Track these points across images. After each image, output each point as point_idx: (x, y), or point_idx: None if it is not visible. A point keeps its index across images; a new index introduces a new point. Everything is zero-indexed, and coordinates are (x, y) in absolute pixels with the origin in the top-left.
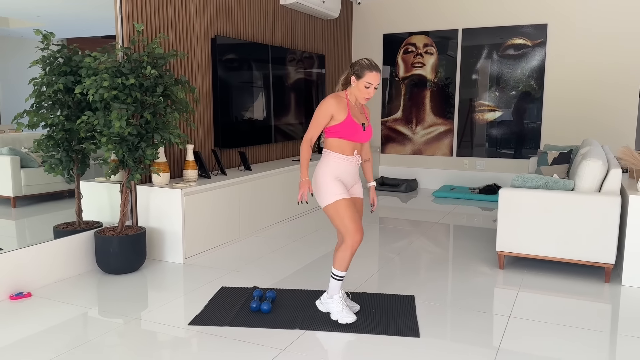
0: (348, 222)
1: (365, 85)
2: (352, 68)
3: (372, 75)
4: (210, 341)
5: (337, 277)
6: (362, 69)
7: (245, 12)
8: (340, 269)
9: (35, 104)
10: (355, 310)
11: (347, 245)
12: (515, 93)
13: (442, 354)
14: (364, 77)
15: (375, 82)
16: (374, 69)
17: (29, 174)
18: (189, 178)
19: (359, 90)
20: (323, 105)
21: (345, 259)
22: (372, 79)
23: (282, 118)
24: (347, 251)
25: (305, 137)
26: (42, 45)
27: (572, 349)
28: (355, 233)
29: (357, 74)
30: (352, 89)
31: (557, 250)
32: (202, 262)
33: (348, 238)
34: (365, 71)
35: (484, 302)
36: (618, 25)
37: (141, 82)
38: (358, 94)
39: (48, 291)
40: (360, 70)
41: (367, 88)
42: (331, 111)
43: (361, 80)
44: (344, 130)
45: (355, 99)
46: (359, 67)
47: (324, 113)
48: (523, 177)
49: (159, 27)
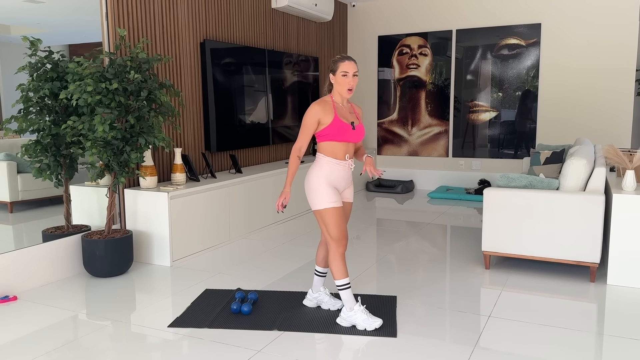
0: (333, 229)
1: (341, 74)
2: (329, 68)
3: (345, 64)
4: (187, 343)
5: (344, 286)
6: (335, 63)
7: (235, 16)
8: (341, 277)
9: (23, 110)
10: (339, 306)
11: (333, 253)
12: (510, 93)
13: (416, 353)
14: (339, 69)
15: (351, 70)
16: (345, 58)
17: (25, 179)
18: (177, 181)
19: (338, 83)
20: (308, 113)
21: (339, 267)
22: (346, 67)
23: (274, 121)
24: (336, 258)
25: (295, 147)
26: (29, 52)
27: (552, 349)
28: (339, 240)
29: (332, 69)
30: (335, 88)
31: (542, 249)
32: (190, 264)
33: (332, 244)
34: (337, 63)
35: (466, 302)
36: (611, 25)
37: (125, 86)
38: (340, 88)
39: (34, 295)
40: (333, 65)
41: (344, 77)
42: (317, 117)
43: (337, 73)
44: (333, 131)
45: (340, 98)
46: (332, 63)
47: (310, 120)
48: (507, 177)
49: (146, 31)
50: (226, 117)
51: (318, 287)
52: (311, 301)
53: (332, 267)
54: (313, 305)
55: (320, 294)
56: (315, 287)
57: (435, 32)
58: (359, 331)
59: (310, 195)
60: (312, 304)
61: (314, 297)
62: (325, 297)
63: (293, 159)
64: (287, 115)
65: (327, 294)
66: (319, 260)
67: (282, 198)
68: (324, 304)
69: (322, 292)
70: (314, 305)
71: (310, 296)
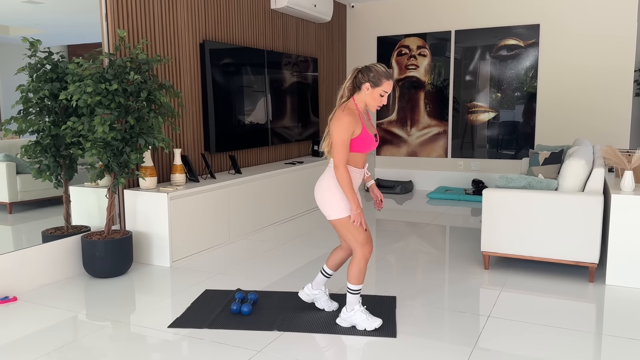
0: (359, 234)
1: (380, 93)
2: (364, 75)
3: (389, 84)
4: (187, 343)
5: (354, 291)
6: (380, 77)
7: (235, 17)
8: (357, 283)
9: (23, 111)
10: (334, 308)
11: (358, 258)
12: (508, 94)
13: (416, 354)
14: (382, 86)
15: (390, 90)
16: (390, 77)
17: (25, 180)
18: (177, 182)
19: (373, 98)
20: (343, 124)
21: (361, 273)
22: (388, 87)
23: (273, 122)
24: (360, 264)
25: (340, 162)
26: (29, 53)
27: (550, 349)
28: (365, 244)
29: (373, 81)
30: (364, 96)
31: (541, 250)
32: (190, 265)
33: (358, 250)
34: (382, 79)
35: (465, 302)
36: (610, 25)
37: (125, 87)
38: (371, 101)
39: (34, 295)
40: (377, 79)
41: (381, 97)
42: (352, 129)
43: (377, 89)
44: (360, 143)
45: (364, 105)
46: (376, 74)
47: (347, 134)
48: (506, 178)
49: (146, 32)
50: (225, 118)
51: (319, 286)
52: (308, 296)
53: (353, 270)
54: (307, 300)
55: (320, 293)
56: (317, 284)
57: (434, 33)
58: (359, 331)
59: (327, 204)
60: (308, 299)
61: (312, 293)
62: (323, 297)
63: (344, 173)
64: (286, 116)
65: (326, 294)
66: (331, 263)
67: (360, 217)
68: (319, 303)
69: (322, 291)
70: (308, 301)
71: (308, 291)
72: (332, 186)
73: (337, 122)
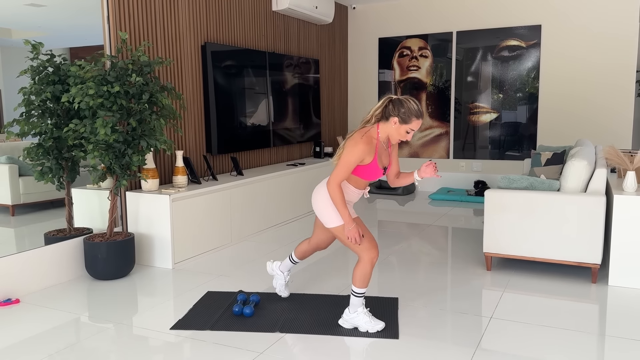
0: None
1: (407, 130)
2: (395, 108)
3: (418, 123)
4: (189, 345)
5: (358, 294)
6: (410, 115)
7: (236, 19)
8: (361, 287)
9: (25, 113)
10: (284, 295)
11: (364, 262)
12: (510, 95)
13: (418, 355)
14: (410, 124)
15: (417, 128)
16: (421, 115)
17: (27, 182)
18: (179, 184)
19: (399, 133)
20: (355, 150)
21: (366, 277)
22: (416, 126)
23: (275, 123)
24: (366, 268)
25: (335, 181)
26: (31, 55)
27: (553, 350)
28: (371, 249)
29: (403, 118)
30: (389, 128)
31: (544, 250)
32: (192, 267)
33: (364, 255)
34: (412, 118)
35: (468, 303)
36: (612, 26)
37: (127, 89)
38: (395, 135)
39: (37, 297)
40: (407, 116)
41: (407, 133)
42: (362, 157)
43: (405, 126)
44: (366, 172)
45: (386, 136)
46: (407, 111)
47: (356, 160)
48: (509, 178)
49: (148, 35)
50: (227, 119)
51: (285, 268)
52: (272, 270)
53: (358, 273)
54: (269, 272)
55: (281, 276)
56: (284, 266)
57: (436, 34)
58: (361, 333)
59: (324, 212)
60: (270, 272)
61: (276, 271)
62: (281, 280)
63: (338, 191)
64: (288, 118)
65: (286, 280)
66: (297, 252)
67: (354, 233)
68: (275, 281)
69: (284, 274)
70: (269, 272)
71: (275, 267)
72: (326, 196)
73: (352, 144)
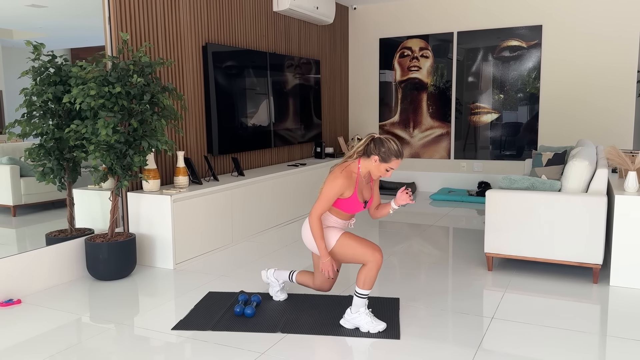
0: (360, 248)
1: (387, 169)
2: (376, 147)
3: (396, 162)
4: (191, 346)
5: (362, 296)
6: (390, 155)
7: (237, 20)
8: (366, 288)
9: (27, 114)
10: (281, 299)
11: (370, 265)
12: (511, 95)
13: (419, 356)
14: (389, 163)
15: (396, 167)
16: (400, 155)
17: (28, 183)
18: (180, 184)
19: (378, 170)
20: (334, 184)
21: (372, 279)
22: (395, 165)
23: (276, 124)
24: (373, 270)
25: (315, 213)
26: (33, 56)
27: (555, 350)
28: (374, 252)
29: (383, 157)
30: (369, 165)
31: (545, 251)
32: (193, 267)
33: (369, 259)
34: (392, 158)
35: (469, 303)
36: (613, 26)
37: (128, 90)
38: (375, 172)
39: (38, 298)
40: (387, 156)
41: (387, 171)
42: (341, 191)
43: (384, 164)
44: (345, 205)
45: (367, 172)
46: (387, 152)
47: (334, 194)
48: (510, 179)
49: (149, 35)
50: (228, 120)
51: (281, 278)
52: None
53: (363, 276)
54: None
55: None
56: (280, 276)
57: (437, 35)
58: (362, 333)
59: (313, 244)
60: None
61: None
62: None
63: (317, 224)
64: (289, 118)
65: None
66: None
67: (328, 267)
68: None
69: (278, 283)
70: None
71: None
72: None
73: (332, 178)
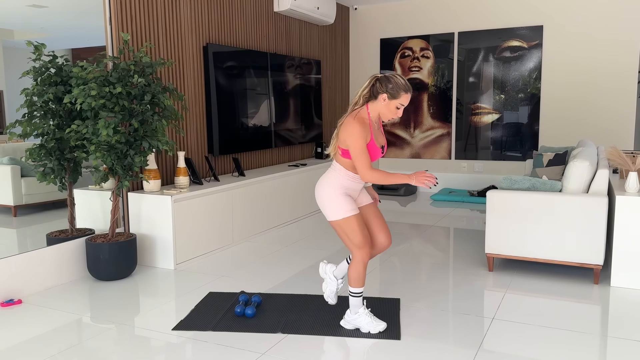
0: (355, 236)
1: (397, 106)
2: (383, 85)
3: (407, 97)
4: (191, 346)
5: (355, 294)
6: (399, 90)
7: (238, 20)
8: (357, 286)
9: (28, 114)
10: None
11: (356, 260)
12: (512, 95)
13: (420, 356)
14: (399, 99)
15: (407, 103)
16: (409, 89)
17: (29, 183)
18: (180, 185)
19: (389, 110)
20: (355, 133)
21: (360, 276)
22: (405, 101)
23: (276, 124)
24: (359, 266)
25: (366, 168)
26: (34, 56)
27: (555, 351)
28: (363, 247)
29: (391, 93)
30: (378, 106)
31: (546, 251)
32: (193, 267)
33: (356, 253)
34: (401, 92)
35: (470, 304)
36: (614, 26)
37: (129, 90)
38: (386, 112)
39: (39, 298)
40: (396, 91)
41: (397, 109)
42: (364, 137)
43: (394, 101)
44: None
45: (377, 115)
46: (395, 86)
47: (363, 142)
48: (510, 179)
49: (150, 36)
50: (229, 120)
51: (341, 274)
52: (325, 273)
53: (352, 273)
54: (322, 274)
55: (334, 283)
56: (339, 271)
57: (437, 35)
58: (363, 334)
59: (326, 206)
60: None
61: (329, 276)
62: (333, 287)
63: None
64: (290, 119)
65: (337, 287)
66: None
67: (421, 177)
68: (326, 289)
69: (337, 282)
70: (322, 275)
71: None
72: (327, 188)
73: (349, 131)
